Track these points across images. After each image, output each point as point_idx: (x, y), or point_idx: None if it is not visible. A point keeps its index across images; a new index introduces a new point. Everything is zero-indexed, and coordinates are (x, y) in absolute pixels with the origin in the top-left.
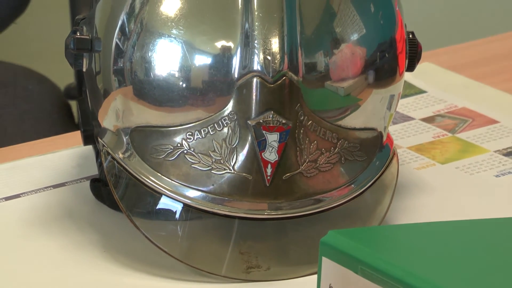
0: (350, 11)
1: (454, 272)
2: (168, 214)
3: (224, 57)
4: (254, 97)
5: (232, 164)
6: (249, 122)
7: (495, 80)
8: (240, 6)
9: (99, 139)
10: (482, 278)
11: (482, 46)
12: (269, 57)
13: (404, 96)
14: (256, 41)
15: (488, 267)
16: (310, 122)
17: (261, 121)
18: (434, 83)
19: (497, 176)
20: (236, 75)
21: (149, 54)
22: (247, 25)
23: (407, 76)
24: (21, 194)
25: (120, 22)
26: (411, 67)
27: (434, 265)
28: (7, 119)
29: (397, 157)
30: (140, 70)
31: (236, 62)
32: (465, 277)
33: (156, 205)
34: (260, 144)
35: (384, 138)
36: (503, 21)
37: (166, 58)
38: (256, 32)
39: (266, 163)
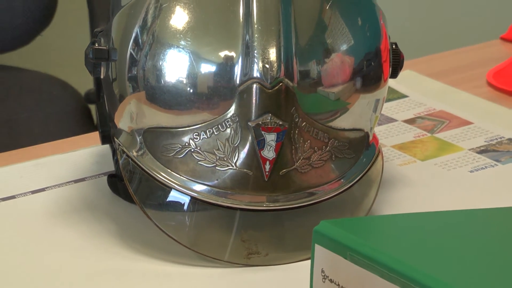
0: (339, 24)
1: (433, 257)
2: (177, 206)
3: (227, 65)
4: (254, 101)
5: (234, 161)
6: (249, 123)
7: (468, 86)
8: (241, 20)
9: (115, 139)
10: (459, 262)
11: (457, 56)
12: (267, 65)
13: (388, 100)
14: (255, 51)
15: (466, 252)
16: (304, 124)
17: (260, 122)
18: (415, 88)
19: (471, 171)
20: (237, 82)
21: (160, 63)
22: (247, 37)
23: (391, 82)
24: (46, 188)
25: (134, 34)
26: (394, 74)
27: (416, 251)
28: (33, 121)
29: (382, 154)
30: (152, 77)
31: (237, 70)
32: (444, 261)
33: (166, 198)
34: (259, 143)
35: (370, 138)
36: (475, 34)
37: (175, 66)
38: (255, 43)
39: (264, 160)
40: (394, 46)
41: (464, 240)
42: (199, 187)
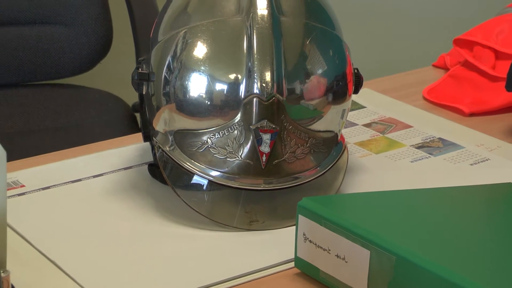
0: (316, 55)
1: (385, 223)
2: (198, 186)
3: (234, 84)
4: (254, 110)
5: (240, 154)
6: (251, 127)
7: (410, 100)
8: (245, 51)
9: (154, 138)
10: (405, 226)
11: (401, 78)
12: (264, 85)
13: (351, 110)
14: (255, 74)
15: (411, 220)
16: (290, 127)
17: (259, 126)
18: (371, 101)
19: (411, 162)
20: (242, 96)
21: (186, 83)
22: (249, 64)
23: (354, 97)
24: (103, 173)
25: (167, 62)
26: (356, 91)
27: (372, 219)
28: (95, 125)
29: (347, 149)
30: (180, 93)
31: (242, 87)
32: (392, 226)
33: (191, 181)
34: (258, 141)
35: (339, 137)
36: (413, 62)
37: (197, 85)
38: (255, 68)
39: (262, 153)
40: (356, 71)
41: (409, 211)
42: (214, 173)
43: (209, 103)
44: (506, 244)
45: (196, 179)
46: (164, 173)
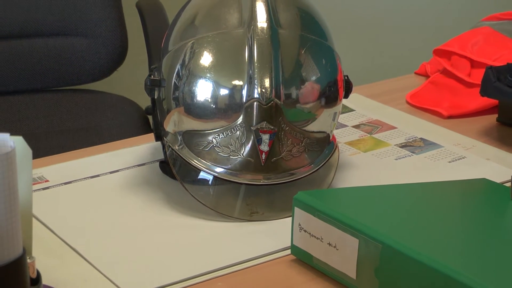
0: (310, 63)
1: (372, 214)
2: (204, 181)
3: (237, 90)
4: (254, 113)
5: (242, 152)
6: (252, 128)
7: (394, 104)
8: (246, 60)
9: (164, 138)
10: (391, 218)
11: (387, 84)
12: (263, 90)
13: (342, 112)
14: (256, 81)
15: (396, 212)
16: (287, 128)
17: (259, 127)
18: (359, 105)
19: (396, 159)
20: (244, 100)
21: (193, 88)
22: (250, 71)
23: (344, 101)
24: (119, 170)
25: (176, 69)
26: (346, 96)
27: (360, 211)
28: (112, 126)
29: (338, 148)
30: (188, 98)
31: (244, 92)
32: (378, 217)
33: (198, 176)
34: (258, 141)
35: (331, 137)
36: (398, 69)
37: (203, 91)
38: (256, 75)
39: (261, 152)
40: (346, 77)
41: (394, 203)
42: (219, 169)
43: (214, 106)
44: (481, 232)
45: (202, 174)
46: (174, 170)
